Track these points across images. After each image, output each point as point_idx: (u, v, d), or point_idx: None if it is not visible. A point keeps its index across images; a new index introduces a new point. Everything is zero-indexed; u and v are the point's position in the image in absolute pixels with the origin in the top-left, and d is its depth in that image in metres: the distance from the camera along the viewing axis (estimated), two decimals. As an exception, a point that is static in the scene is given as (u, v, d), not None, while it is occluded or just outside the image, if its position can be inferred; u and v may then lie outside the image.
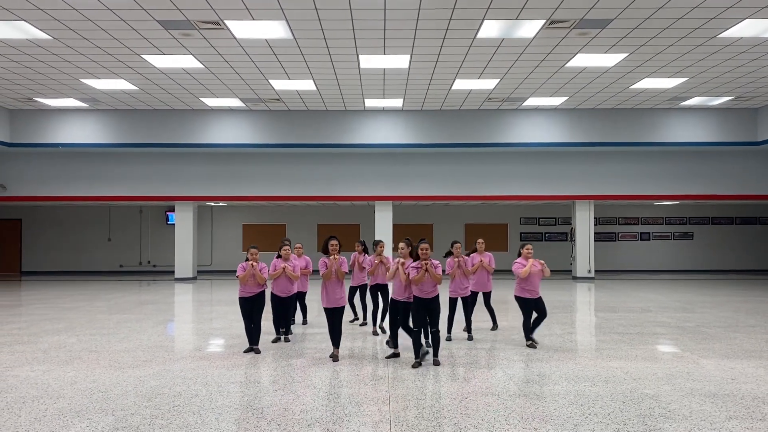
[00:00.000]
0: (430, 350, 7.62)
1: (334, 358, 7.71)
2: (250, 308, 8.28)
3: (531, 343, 8.54)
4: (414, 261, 7.61)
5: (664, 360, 7.69)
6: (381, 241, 9.83)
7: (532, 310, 8.57)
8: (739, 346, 8.58)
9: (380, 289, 9.77)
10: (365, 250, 10.38)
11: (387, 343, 8.38)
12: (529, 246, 8.67)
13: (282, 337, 9.06)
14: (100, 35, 11.15)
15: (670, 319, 11.13)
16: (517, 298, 8.61)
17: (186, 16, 10.18)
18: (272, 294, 8.79)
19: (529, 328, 8.61)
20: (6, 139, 17.46)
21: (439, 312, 7.55)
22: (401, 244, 8.03)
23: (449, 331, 9.26)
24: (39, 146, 17.81)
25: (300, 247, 9.79)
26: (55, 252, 23.38)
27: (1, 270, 23.14)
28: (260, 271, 8.23)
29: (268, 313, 8.60)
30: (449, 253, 9.13)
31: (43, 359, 7.74)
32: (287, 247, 8.94)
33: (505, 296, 13.91)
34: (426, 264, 7.35)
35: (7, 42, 11.52)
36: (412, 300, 7.56)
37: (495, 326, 9.98)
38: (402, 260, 7.79)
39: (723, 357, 7.82)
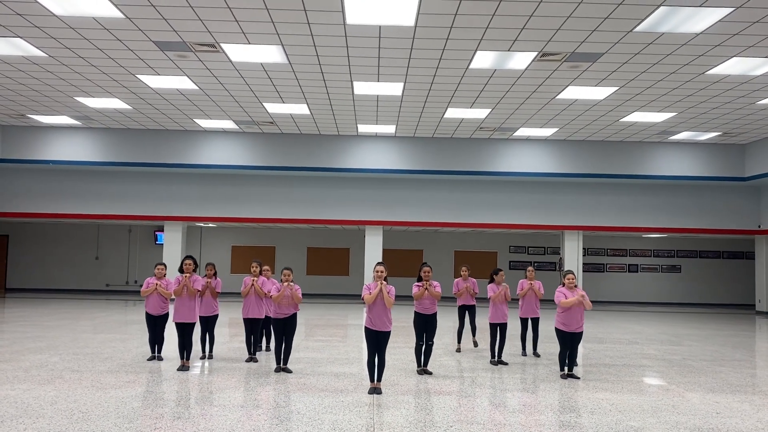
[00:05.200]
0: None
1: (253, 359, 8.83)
2: (154, 324, 8.89)
3: (563, 374, 8.46)
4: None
5: (650, 392, 7.69)
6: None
7: (569, 342, 8.46)
8: (724, 380, 8.58)
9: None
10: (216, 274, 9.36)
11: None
12: (571, 276, 8.48)
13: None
14: (95, 54, 11.22)
15: (656, 352, 11.14)
16: (555, 330, 8.63)
17: (182, 38, 10.27)
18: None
19: (564, 360, 8.49)
20: (-4, 155, 17.44)
21: (435, 327, 8.34)
22: (379, 268, 7.37)
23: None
24: (29, 162, 17.77)
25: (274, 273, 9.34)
26: (42, 269, 23.15)
27: (-15, 286, 22.89)
28: (165, 287, 8.71)
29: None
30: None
31: (24, 378, 7.62)
32: (190, 261, 8.56)
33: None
34: (426, 283, 8.17)
35: (3, 58, 11.56)
36: (390, 330, 7.29)
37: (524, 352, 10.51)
38: (383, 282, 7.20)
39: (708, 391, 7.82)
